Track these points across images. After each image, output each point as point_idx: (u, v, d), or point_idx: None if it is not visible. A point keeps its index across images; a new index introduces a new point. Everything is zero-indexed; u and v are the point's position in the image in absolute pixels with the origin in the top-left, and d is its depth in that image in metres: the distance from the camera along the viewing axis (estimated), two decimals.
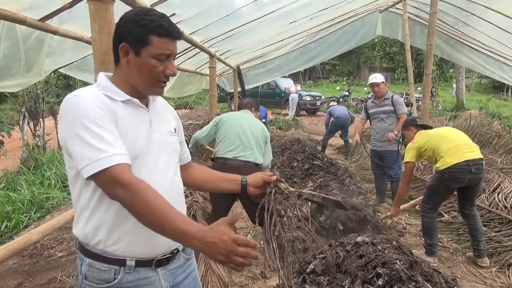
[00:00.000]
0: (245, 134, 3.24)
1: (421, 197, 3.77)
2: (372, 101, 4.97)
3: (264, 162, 3.38)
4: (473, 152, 3.32)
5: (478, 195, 3.60)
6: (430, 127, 3.81)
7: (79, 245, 1.20)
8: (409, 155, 3.53)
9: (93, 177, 1.04)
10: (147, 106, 1.26)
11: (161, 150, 1.24)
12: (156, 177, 1.20)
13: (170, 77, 1.21)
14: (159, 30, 1.14)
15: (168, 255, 1.24)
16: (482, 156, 3.34)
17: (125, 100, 1.18)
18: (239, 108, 3.71)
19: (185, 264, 1.33)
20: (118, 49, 1.17)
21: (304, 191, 1.46)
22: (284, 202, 1.38)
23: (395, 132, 4.58)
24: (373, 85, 4.79)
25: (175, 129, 1.36)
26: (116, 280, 1.14)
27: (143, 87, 1.19)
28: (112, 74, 1.24)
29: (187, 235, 0.99)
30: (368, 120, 5.07)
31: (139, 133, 1.18)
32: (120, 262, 1.15)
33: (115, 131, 1.09)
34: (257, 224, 3.38)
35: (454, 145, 3.34)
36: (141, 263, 1.17)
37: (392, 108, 4.72)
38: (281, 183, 1.40)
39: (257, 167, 3.23)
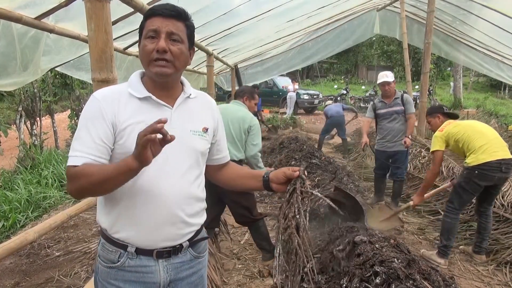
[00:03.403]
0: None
1: (447, 183, 3.64)
2: (381, 101, 4.76)
3: (247, 153, 3.21)
4: (504, 151, 3.25)
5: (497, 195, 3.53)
6: (457, 116, 3.73)
7: (100, 228, 1.31)
8: (437, 144, 3.38)
9: None
10: (174, 103, 1.26)
11: (174, 149, 1.18)
12: (161, 174, 1.21)
13: (169, 55, 1.17)
14: (147, 13, 1.21)
15: (169, 249, 1.27)
16: (511, 156, 3.25)
17: (144, 97, 1.22)
18: (235, 98, 3.47)
19: (193, 261, 1.35)
20: None
21: (317, 194, 1.33)
22: (301, 201, 1.30)
23: (410, 137, 4.52)
24: (384, 84, 4.61)
25: (206, 129, 1.32)
26: (119, 263, 1.24)
27: (146, 71, 1.23)
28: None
29: (124, 163, 1.03)
30: (374, 120, 4.90)
31: None
32: (123, 246, 1.24)
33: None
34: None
35: (487, 142, 3.22)
36: (142, 252, 1.24)
37: (403, 107, 4.60)
38: (302, 180, 1.30)
39: (239, 162, 3.13)
